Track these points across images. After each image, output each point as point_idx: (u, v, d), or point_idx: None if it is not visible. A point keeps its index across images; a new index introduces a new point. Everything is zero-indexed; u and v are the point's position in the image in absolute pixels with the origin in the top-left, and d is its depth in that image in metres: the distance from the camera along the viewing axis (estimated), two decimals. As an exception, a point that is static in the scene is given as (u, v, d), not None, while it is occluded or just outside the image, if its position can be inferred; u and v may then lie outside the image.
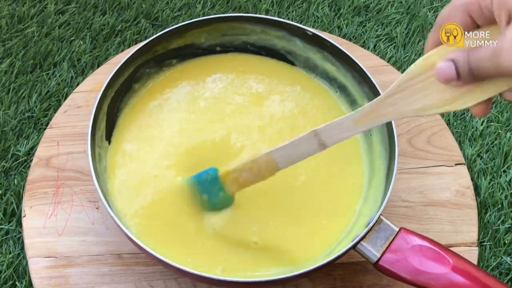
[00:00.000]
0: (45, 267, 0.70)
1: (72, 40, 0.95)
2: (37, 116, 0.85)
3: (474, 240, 0.74)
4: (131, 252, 0.71)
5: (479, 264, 0.73)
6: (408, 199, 0.77)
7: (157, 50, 0.78)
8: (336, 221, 0.69)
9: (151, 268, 0.70)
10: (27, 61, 0.91)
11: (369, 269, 0.69)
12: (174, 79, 0.81)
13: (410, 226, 0.68)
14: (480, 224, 0.76)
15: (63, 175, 0.77)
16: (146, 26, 0.97)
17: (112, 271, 0.70)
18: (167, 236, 0.67)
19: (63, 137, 0.81)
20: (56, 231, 0.73)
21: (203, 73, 0.81)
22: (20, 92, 0.87)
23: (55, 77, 0.90)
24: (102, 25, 0.97)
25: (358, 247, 0.63)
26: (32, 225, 0.73)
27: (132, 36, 0.95)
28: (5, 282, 0.71)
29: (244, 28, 0.81)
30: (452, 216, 0.75)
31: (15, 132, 0.84)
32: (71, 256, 0.71)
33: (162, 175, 0.71)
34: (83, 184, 0.77)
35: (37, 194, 0.76)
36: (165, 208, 0.69)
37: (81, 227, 0.73)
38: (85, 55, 0.93)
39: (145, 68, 0.78)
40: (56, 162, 0.78)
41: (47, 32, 0.95)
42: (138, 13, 0.99)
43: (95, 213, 0.74)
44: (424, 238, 0.63)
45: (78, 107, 0.84)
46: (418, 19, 0.99)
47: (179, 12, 1.00)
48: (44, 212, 0.74)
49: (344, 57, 0.77)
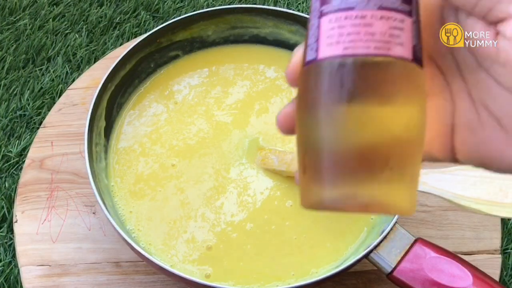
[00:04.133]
0: (38, 276, 0.70)
1: (67, 33, 0.95)
2: (29, 115, 0.85)
3: (497, 247, 0.73)
4: (130, 260, 0.71)
5: (502, 272, 0.73)
6: (426, 203, 0.76)
7: (162, 42, 0.79)
8: (350, 229, 0.70)
9: (152, 277, 0.70)
10: (18, 55, 0.91)
11: (384, 278, 0.69)
12: (180, 72, 0.81)
13: (428, 232, 0.68)
14: (504, 230, 0.76)
15: (57, 178, 0.77)
16: (147, 18, 0.97)
17: (109, 280, 0.70)
18: (170, 243, 0.67)
19: (58, 137, 0.81)
20: (50, 237, 0.73)
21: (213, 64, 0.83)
22: (11, 89, 0.88)
23: (49, 73, 0.90)
24: (99, 17, 0.97)
25: (371, 256, 0.63)
26: (24, 231, 0.73)
27: (131, 29, 0.95)
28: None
29: (254, 21, 0.81)
30: (474, 221, 0.75)
31: (6, 131, 0.84)
32: (66, 264, 0.71)
33: (165, 176, 0.72)
34: (79, 187, 0.77)
35: (29, 198, 0.76)
36: (168, 213, 0.69)
37: (76, 233, 0.73)
38: (81, 49, 0.93)
39: (148, 61, 0.79)
40: (50, 164, 0.78)
41: (40, 25, 0.95)
42: (137, 4, 0.99)
43: (92, 218, 0.74)
44: (442, 250, 0.63)
45: (73, 105, 0.84)
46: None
47: (182, 4, 1.00)
48: (37, 217, 0.74)
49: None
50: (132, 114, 0.77)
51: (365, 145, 0.32)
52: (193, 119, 0.77)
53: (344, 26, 0.32)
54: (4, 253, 0.74)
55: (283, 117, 0.37)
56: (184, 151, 0.74)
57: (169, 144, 0.75)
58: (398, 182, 0.32)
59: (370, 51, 0.31)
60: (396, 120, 0.32)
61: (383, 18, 0.32)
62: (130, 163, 0.73)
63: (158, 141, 0.75)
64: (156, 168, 0.73)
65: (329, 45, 0.32)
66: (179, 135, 0.75)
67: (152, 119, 0.77)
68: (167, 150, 0.74)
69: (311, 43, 0.33)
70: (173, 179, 0.72)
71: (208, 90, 0.80)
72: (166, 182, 0.72)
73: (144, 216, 0.69)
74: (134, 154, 0.74)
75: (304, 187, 0.34)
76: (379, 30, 0.32)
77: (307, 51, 0.33)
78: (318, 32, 0.33)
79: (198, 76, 0.81)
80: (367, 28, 0.32)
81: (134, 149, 0.74)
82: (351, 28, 0.32)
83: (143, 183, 0.72)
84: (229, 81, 0.81)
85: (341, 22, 0.32)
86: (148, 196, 0.71)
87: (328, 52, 0.32)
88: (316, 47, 0.33)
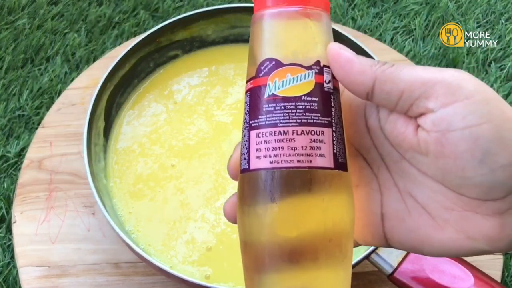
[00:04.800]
0: (37, 277, 0.70)
1: (66, 32, 0.95)
2: (28, 115, 0.85)
3: (499, 248, 0.73)
4: (129, 261, 0.71)
5: (504, 273, 0.73)
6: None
7: (161, 41, 0.79)
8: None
9: (151, 278, 0.70)
10: (17, 55, 0.91)
11: (385, 279, 0.69)
12: (180, 72, 0.81)
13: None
14: (506, 231, 0.76)
15: (56, 178, 0.77)
16: (146, 17, 0.97)
17: (109, 281, 0.70)
18: (169, 244, 0.67)
19: (57, 137, 0.81)
20: (49, 238, 0.73)
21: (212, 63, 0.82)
22: (10, 88, 0.88)
23: (48, 72, 0.90)
24: (98, 17, 0.97)
25: (372, 257, 0.63)
26: (23, 232, 0.73)
27: (130, 29, 0.95)
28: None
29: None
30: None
31: (4, 132, 0.84)
32: (65, 265, 0.71)
33: (165, 176, 0.72)
34: (78, 187, 0.76)
35: (28, 198, 0.76)
36: (168, 214, 0.69)
37: (75, 234, 0.73)
38: (80, 49, 0.93)
39: (148, 60, 0.79)
40: (49, 164, 0.78)
41: (39, 24, 0.95)
42: (137, 3, 0.99)
43: (91, 219, 0.74)
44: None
45: (72, 105, 0.83)
46: (438, 10, 0.99)
47: (181, 3, 1.00)
48: (36, 218, 0.74)
49: (362, 53, 0.76)
50: (131, 114, 0.77)
51: (294, 242, 0.35)
52: (193, 119, 0.77)
53: (269, 141, 0.35)
54: (3, 254, 0.74)
55: (229, 207, 0.39)
56: (183, 151, 0.74)
57: (168, 144, 0.75)
58: (327, 271, 0.35)
59: (294, 164, 0.35)
60: (321, 221, 0.35)
61: (304, 133, 0.35)
62: (129, 164, 0.73)
63: (158, 141, 0.75)
64: (156, 169, 0.73)
65: (258, 158, 0.35)
66: (179, 135, 0.75)
67: (151, 119, 0.77)
68: (166, 150, 0.74)
69: (244, 152, 0.36)
70: (172, 180, 0.72)
71: (208, 90, 0.79)
72: (165, 183, 0.72)
73: (144, 216, 0.69)
74: (134, 155, 0.74)
75: (247, 277, 0.38)
76: (301, 144, 0.35)
77: (242, 159, 0.36)
78: (248, 144, 0.36)
79: (198, 76, 0.81)
80: (289, 143, 0.35)
81: (133, 149, 0.74)
82: (275, 143, 0.35)
83: (142, 183, 0.72)
84: (229, 81, 0.80)
85: (267, 137, 0.35)
86: (148, 196, 0.71)
87: (257, 164, 0.35)
88: (248, 158, 0.36)
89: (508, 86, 0.89)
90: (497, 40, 0.95)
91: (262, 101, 0.36)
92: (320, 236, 0.35)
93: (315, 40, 0.37)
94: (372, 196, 0.39)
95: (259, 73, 0.36)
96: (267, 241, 0.35)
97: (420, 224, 0.37)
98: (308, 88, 0.36)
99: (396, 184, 0.39)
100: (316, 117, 0.35)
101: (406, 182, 0.38)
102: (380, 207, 0.39)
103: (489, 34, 0.88)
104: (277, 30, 0.37)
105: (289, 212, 0.35)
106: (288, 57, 0.36)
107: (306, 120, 0.35)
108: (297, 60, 0.36)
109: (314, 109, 0.35)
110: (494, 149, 0.33)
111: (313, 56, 0.36)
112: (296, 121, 0.35)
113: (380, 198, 0.39)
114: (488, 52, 0.93)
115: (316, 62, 0.36)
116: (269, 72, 0.36)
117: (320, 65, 0.36)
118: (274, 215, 0.35)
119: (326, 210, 0.35)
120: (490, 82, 0.89)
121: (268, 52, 0.36)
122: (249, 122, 0.36)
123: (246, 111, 0.37)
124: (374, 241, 0.40)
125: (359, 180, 0.40)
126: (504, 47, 0.94)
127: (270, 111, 0.35)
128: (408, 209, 0.38)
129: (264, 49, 0.37)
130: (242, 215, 0.37)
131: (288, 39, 0.37)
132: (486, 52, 0.93)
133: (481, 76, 0.90)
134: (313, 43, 0.37)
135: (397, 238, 0.39)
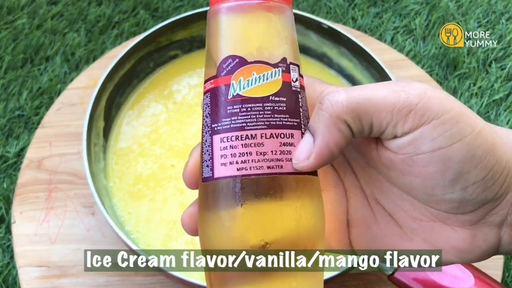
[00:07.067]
0: (36, 277, 0.70)
1: (65, 32, 0.95)
2: (27, 115, 0.85)
3: (499, 249, 0.73)
4: (129, 261, 0.71)
5: (504, 273, 0.73)
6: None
7: (161, 41, 0.79)
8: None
9: (151, 279, 0.70)
10: (17, 55, 0.91)
11: (385, 280, 0.69)
12: (179, 72, 0.81)
13: (430, 233, 0.67)
14: (506, 232, 0.76)
15: (56, 178, 0.77)
16: (146, 17, 0.97)
17: (108, 281, 0.70)
18: (169, 245, 0.68)
19: (56, 137, 0.81)
20: (49, 238, 0.73)
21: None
22: (9, 88, 0.88)
23: (47, 72, 0.90)
24: (98, 17, 0.97)
25: (373, 256, 0.63)
26: (23, 232, 0.73)
27: (130, 28, 0.95)
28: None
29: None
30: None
31: (4, 131, 0.84)
32: (64, 265, 0.71)
33: (165, 177, 0.72)
34: (77, 188, 0.77)
35: (27, 198, 0.76)
36: (168, 214, 0.69)
37: (75, 234, 0.74)
38: (79, 48, 0.93)
39: (147, 60, 0.79)
40: (49, 164, 0.78)
41: (39, 24, 0.95)
42: (136, 3, 0.99)
43: (91, 219, 0.74)
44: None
45: (72, 104, 0.84)
46: (438, 10, 0.99)
47: (181, 3, 1.00)
48: (35, 218, 0.74)
49: (362, 53, 0.76)
50: (131, 114, 0.77)
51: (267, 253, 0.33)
52: (193, 119, 0.77)
53: (235, 146, 0.32)
54: (2, 254, 0.74)
55: (188, 218, 0.37)
56: (183, 152, 0.74)
57: (168, 144, 0.75)
58: (301, 280, 0.33)
59: (264, 171, 0.32)
60: (293, 229, 0.33)
61: (273, 136, 0.32)
62: (129, 164, 0.73)
63: (158, 142, 0.75)
64: (156, 169, 0.73)
65: (223, 164, 0.33)
66: (179, 135, 0.75)
67: (151, 119, 0.77)
68: (166, 150, 0.74)
69: (207, 159, 0.33)
70: (172, 180, 0.72)
71: None
72: (165, 183, 0.72)
73: (143, 217, 0.69)
74: (133, 155, 0.74)
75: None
76: (270, 149, 0.32)
77: (203, 166, 0.34)
78: (211, 150, 0.33)
79: (198, 76, 0.81)
80: (258, 148, 0.32)
81: (133, 149, 0.74)
82: (243, 148, 0.32)
83: (142, 183, 0.72)
84: None
85: (233, 142, 0.32)
86: (147, 197, 0.71)
87: (222, 172, 0.33)
88: (211, 166, 0.33)
89: (508, 86, 0.89)
90: (497, 40, 0.95)
91: (226, 102, 0.33)
92: (293, 244, 0.33)
93: (280, 35, 0.35)
94: (338, 201, 0.38)
95: (221, 72, 0.34)
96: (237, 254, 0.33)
97: (387, 232, 0.37)
98: (275, 88, 0.33)
99: (363, 189, 0.38)
100: (285, 118, 0.33)
101: (373, 188, 0.37)
102: (346, 213, 0.38)
103: (489, 34, 0.88)
104: (239, 25, 0.35)
105: (260, 221, 0.33)
106: (252, 54, 0.34)
107: (275, 122, 0.33)
108: (263, 57, 0.34)
109: (283, 110, 0.33)
110: (466, 168, 0.32)
111: (279, 53, 0.34)
112: (265, 124, 0.33)
113: (346, 203, 0.38)
114: (488, 52, 0.93)
115: (283, 59, 0.34)
116: (232, 71, 0.34)
117: (286, 63, 0.34)
118: (244, 226, 0.32)
119: (299, 218, 0.33)
120: (491, 82, 0.89)
121: (230, 49, 0.34)
122: (211, 125, 0.34)
123: (206, 114, 0.35)
124: (339, 247, 0.39)
125: (324, 185, 0.38)
126: (505, 47, 0.94)
127: (235, 113, 0.33)
128: (375, 216, 0.37)
129: (225, 46, 0.34)
130: (206, 227, 0.34)
131: (252, 35, 0.35)
132: (486, 52, 0.93)
133: (481, 76, 0.90)
134: (278, 39, 0.35)
135: (363, 245, 0.38)
